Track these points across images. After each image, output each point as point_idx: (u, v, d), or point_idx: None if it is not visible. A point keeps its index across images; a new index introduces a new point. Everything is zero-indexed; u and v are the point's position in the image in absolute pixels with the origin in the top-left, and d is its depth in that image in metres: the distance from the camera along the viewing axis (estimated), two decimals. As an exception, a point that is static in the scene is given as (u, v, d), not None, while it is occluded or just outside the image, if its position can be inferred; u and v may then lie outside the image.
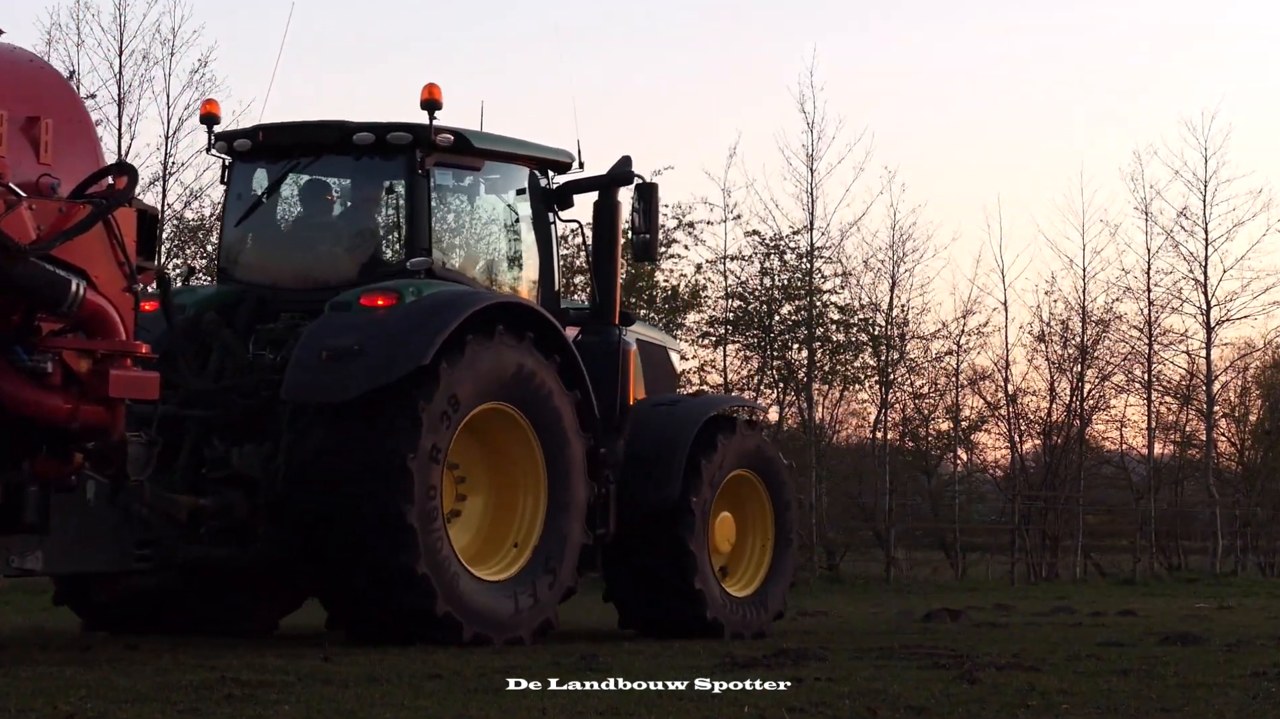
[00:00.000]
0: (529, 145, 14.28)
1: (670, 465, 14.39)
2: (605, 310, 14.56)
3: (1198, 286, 36.29)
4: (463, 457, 12.99)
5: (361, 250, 13.68)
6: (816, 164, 32.42)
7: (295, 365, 12.42)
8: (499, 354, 12.85)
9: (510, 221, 14.30)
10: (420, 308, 12.60)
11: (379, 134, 13.46)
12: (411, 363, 12.26)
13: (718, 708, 8.47)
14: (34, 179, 10.67)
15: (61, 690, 8.76)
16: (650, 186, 14.56)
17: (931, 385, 36.21)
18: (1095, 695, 9.29)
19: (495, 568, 13.04)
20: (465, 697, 8.88)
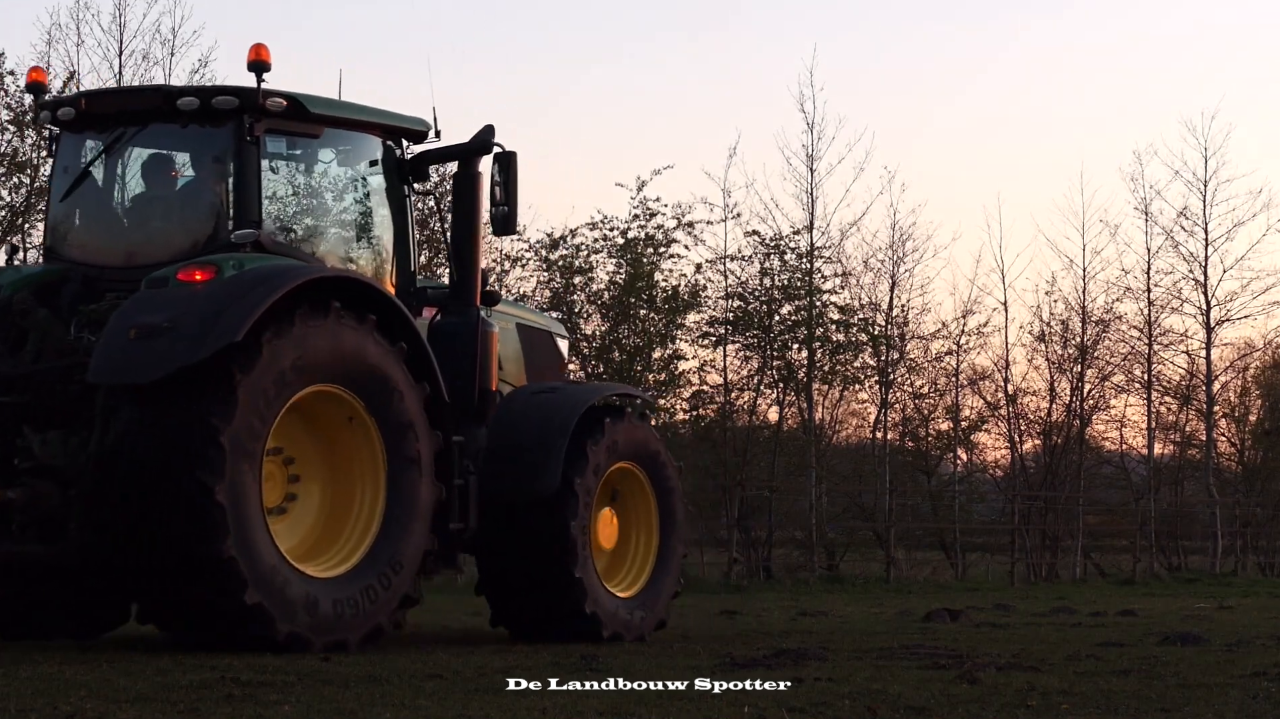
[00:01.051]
0: (377, 112, 13.41)
1: (549, 453, 13.51)
2: (465, 289, 13.57)
3: (1198, 287, 36.31)
4: (295, 446, 12.13)
5: (190, 224, 12.74)
6: (816, 164, 32.44)
7: (103, 345, 11.53)
8: (333, 333, 11.94)
9: (357, 193, 13.49)
10: (238, 282, 11.64)
11: (204, 99, 12.57)
12: (223, 339, 11.29)
13: (718, 708, 8.47)
14: None
15: (61, 690, 8.76)
16: (509, 155, 13.55)
17: (931, 385, 36.23)
18: (1095, 695, 9.29)
19: (325, 565, 12.08)
20: (465, 697, 8.88)
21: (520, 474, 13.49)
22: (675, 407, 31.89)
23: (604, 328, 30.63)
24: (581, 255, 30.63)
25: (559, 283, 30.64)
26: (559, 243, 30.55)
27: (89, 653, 11.60)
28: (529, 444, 13.56)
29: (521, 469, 13.50)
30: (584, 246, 30.62)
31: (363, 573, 12.14)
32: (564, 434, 13.60)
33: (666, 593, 14.61)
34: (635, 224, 30.58)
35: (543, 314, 16.63)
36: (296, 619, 11.57)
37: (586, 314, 30.74)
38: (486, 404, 13.51)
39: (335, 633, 11.79)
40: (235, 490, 11.33)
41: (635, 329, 30.54)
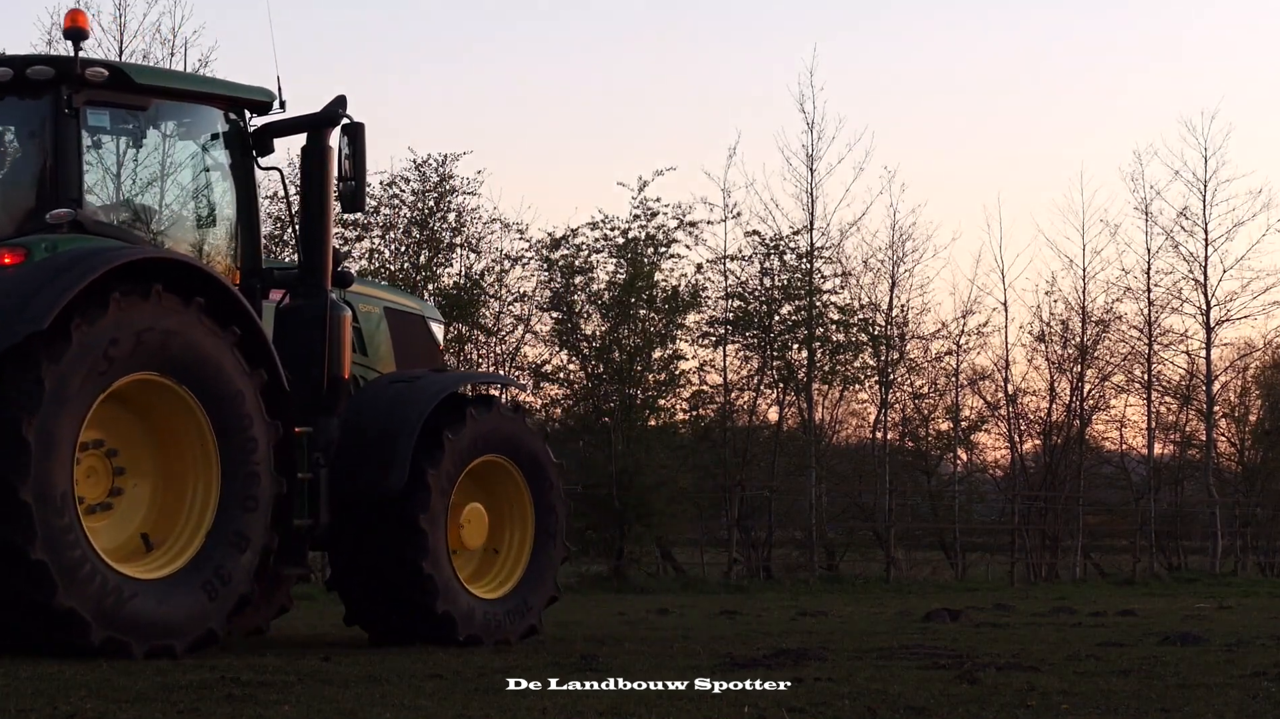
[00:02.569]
0: (214, 83, 12.77)
1: (397, 444, 12.71)
2: (314, 270, 12.77)
3: (1198, 287, 36.31)
4: (118, 438, 11.41)
5: (7, 203, 11.92)
6: (816, 164, 32.46)
7: None
8: (155, 318, 11.19)
9: (194, 169, 12.65)
10: (48, 265, 10.90)
11: (18, 69, 11.73)
12: (25, 329, 10.60)
13: (718, 708, 8.47)
14: None
15: (61, 690, 8.76)
16: (357, 126, 12.76)
17: (931, 385, 36.23)
18: (1095, 695, 9.29)
19: (153, 566, 11.36)
20: (465, 697, 8.88)
21: (369, 467, 12.77)
22: (675, 407, 31.91)
23: (604, 328, 30.64)
24: (582, 255, 30.64)
25: (559, 283, 30.64)
26: (560, 242, 30.56)
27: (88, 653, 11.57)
28: (379, 436, 12.80)
29: (372, 462, 12.77)
30: (584, 246, 30.64)
31: (194, 574, 11.43)
32: (416, 423, 12.79)
33: (541, 596, 13.75)
34: (636, 224, 30.61)
35: (414, 297, 15.88)
36: (115, 623, 10.90)
37: (587, 314, 30.75)
38: (337, 393, 12.81)
39: (161, 638, 11.13)
40: (42, 488, 10.62)
41: (635, 329, 30.55)
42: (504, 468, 13.52)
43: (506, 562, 13.70)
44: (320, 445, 12.52)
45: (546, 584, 13.79)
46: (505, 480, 13.58)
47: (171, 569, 11.37)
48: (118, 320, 10.99)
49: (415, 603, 12.84)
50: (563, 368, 30.75)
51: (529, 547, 13.72)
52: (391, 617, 13.02)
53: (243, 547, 11.63)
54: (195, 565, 11.45)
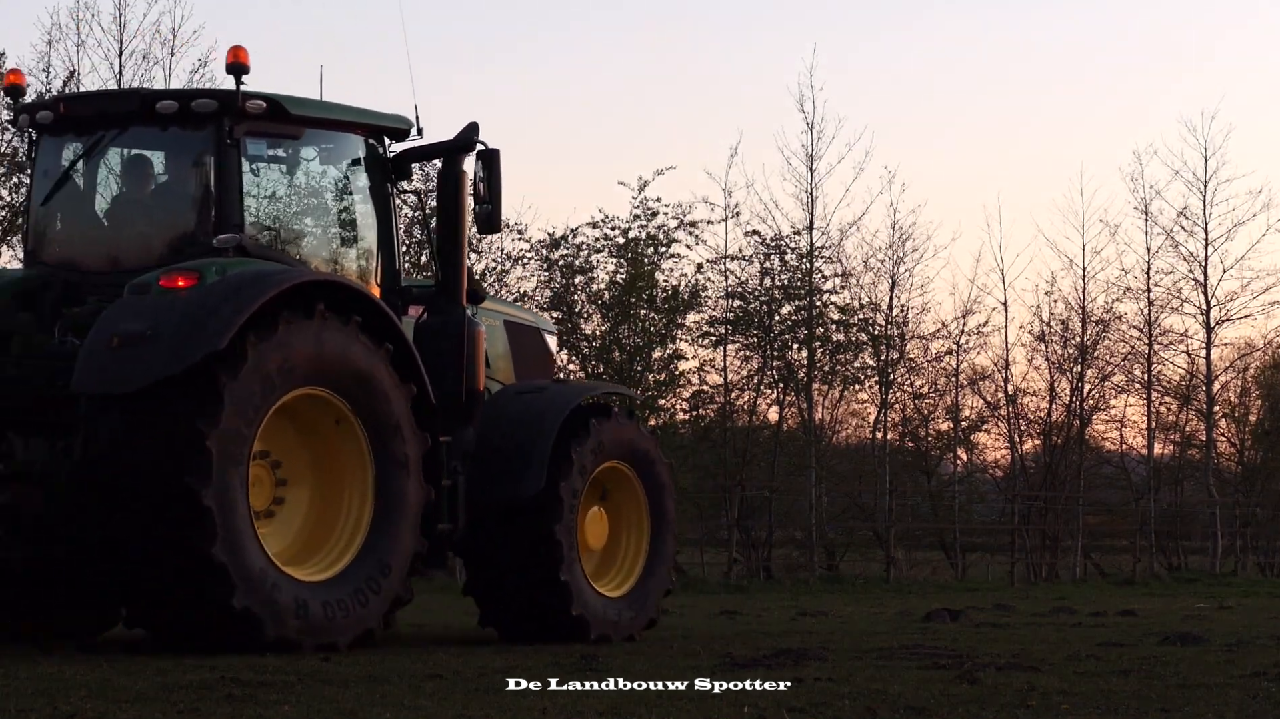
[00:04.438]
0: (358, 112, 13.35)
1: (532, 454, 13.39)
2: (450, 288, 13.46)
3: (1198, 287, 36.31)
4: (282, 449, 12.12)
5: (171, 228, 12.70)
6: (816, 164, 32.44)
7: (85, 353, 11.53)
8: (317, 337, 11.91)
9: (340, 193, 13.44)
10: (221, 288, 11.61)
11: (183, 102, 12.53)
12: (205, 348, 11.29)
13: (718, 708, 8.47)
14: None
15: (61, 690, 8.76)
16: (492, 153, 13.46)
17: (931, 385, 36.23)
18: (1095, 695, 9.29)
19: (315, 568, 12.08)
20: (465, 697, 8.88)
21: (505, 476, 13.40)
22: (675, 406, 31.92)
23: (604, 328, 30.64)
24: (582, 255, 30.64)
25: (559, 283, 30.64)
26: (560, 242, 30.56)
27: (89, 653, 11.61)
28: (513, 446, 13.46)
29: (506, 471, 13.40)
30: (585, 246, 30.64)
31: (352, 575, 12.12)
32: (548, 436, 13.47)
33: (656, 592, 14.47)
34: (636, 224, 30.60)
35: (530, 311, 16.49)
36: (285, 623, 11.56)
37: (587, 314, 30.75)
38: (474, 404, 13.37)
39: (325, 635, 11.77)
40: (222, 494, 11.28)
41: (635, 329, 30.54)
42: (621, 472, 14.29)
43: (625, 560, 14.43)
44: (458, 454, 13.16)
45: (661, 579, 14.53)
46: (622, 483, 14.34)
47: (332, 573, 12.08)
48: (286, 339, 11.70)
49: (551, 608, 13.53)
50: (563, 368, 30.76)
51: (645, 545, 14.48)
52: (526, 620, 13.64)
53: (396, 551, 12.32)
54: (353, 569, 12.15)
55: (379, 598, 12.20)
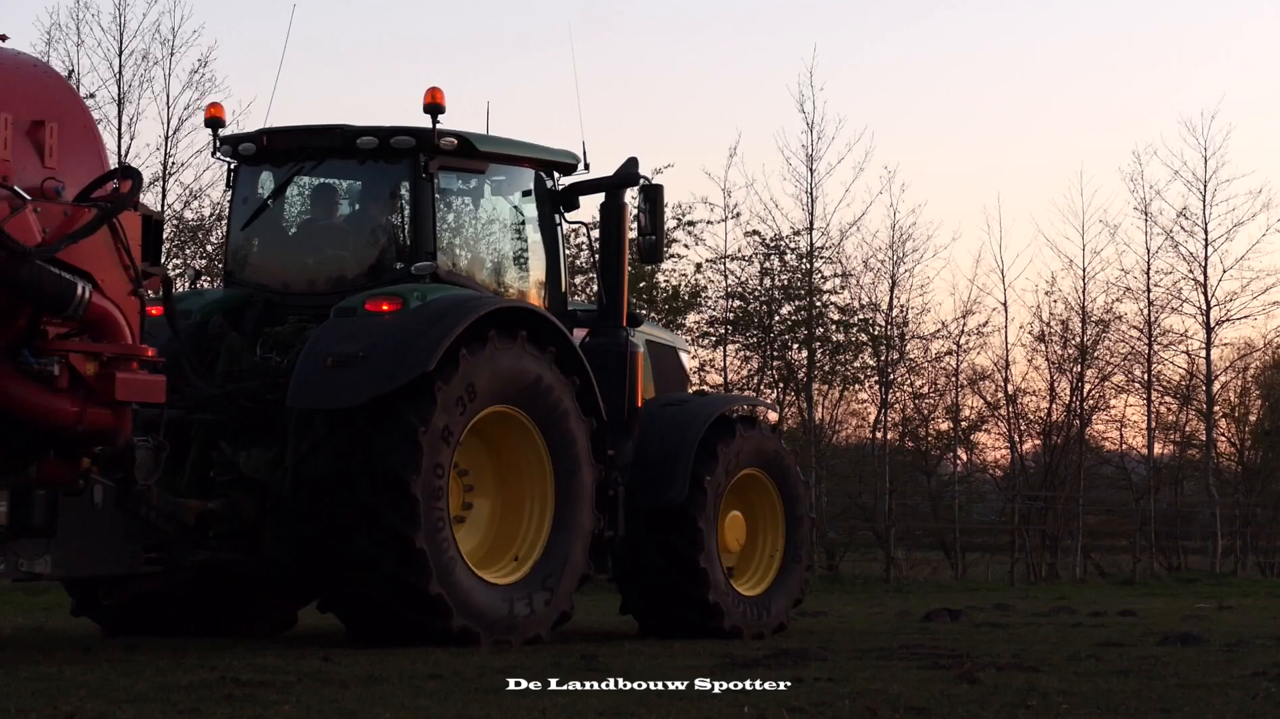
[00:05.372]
0: (534, 147, 14.33)
1: (677, 463, 14.44)
2: (613, 312, 14.64)
3: (1197, 287, 36.30)
4: (470, 461, 13.09)
5: (367, 254, 13.75)
6: (816, 164, 32.42)
7: (300, 371, 12.51)
8: (512, 359, 12.99)
9: (516, 224, 14.40)
10: (424, 313, 12.68)
11: (383, 138, 13.52)
12: (415, 369, 12.36)
13: (718, 708, 8.47)
14: (38, 182, 10.81)
15: (61, 690, 8.76)
16: (655, 188, 14.66)
17: (931, 385, 36.21)
18: (1095, 695, 9.30)
19: (497, 573, 13.10)
20: (465, 697, 8.89)
21: (653, 484, 14.41)
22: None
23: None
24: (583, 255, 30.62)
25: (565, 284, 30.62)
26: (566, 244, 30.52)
27: (89, 653, 11.66)
28: (660, 456, 14.50)
29: (654, 479, 14.42)
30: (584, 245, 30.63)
31: (529, 585, 13.15)
32: (691, 447, 14.50)
33: (789, 595, 15.48)
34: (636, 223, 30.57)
35: (668, 331, 17.79)
36: (470, 614, 12.58)
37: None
38: (634, 419, 14.51)
39: (504, 632, 12.79)
40: (428, 501, 12.38)
41: (635, 329, 30.52)
42: (760, 480, 15.28)
43: (760, 563, 15.42)
44: (620, 466, 14.16)
45: (794, 586, 15.54)
46: (760, 491, 15.32)
47: (516, 577, 13.13)
48: (483, 360, 12.78)
49: (689, 593, 14.47)
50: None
51: (780, 551, 15.47)
52: (666, 606, 14.61)
53: (570, 558, 13.39)
54: (533, 574, 13.20)
55: (549, 608, 13.24)
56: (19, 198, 10.57)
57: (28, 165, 10.87)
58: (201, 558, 12.47)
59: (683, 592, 14.49)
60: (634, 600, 14.94)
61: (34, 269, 10.52)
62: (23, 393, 10.70)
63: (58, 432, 10.90)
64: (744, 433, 15.02)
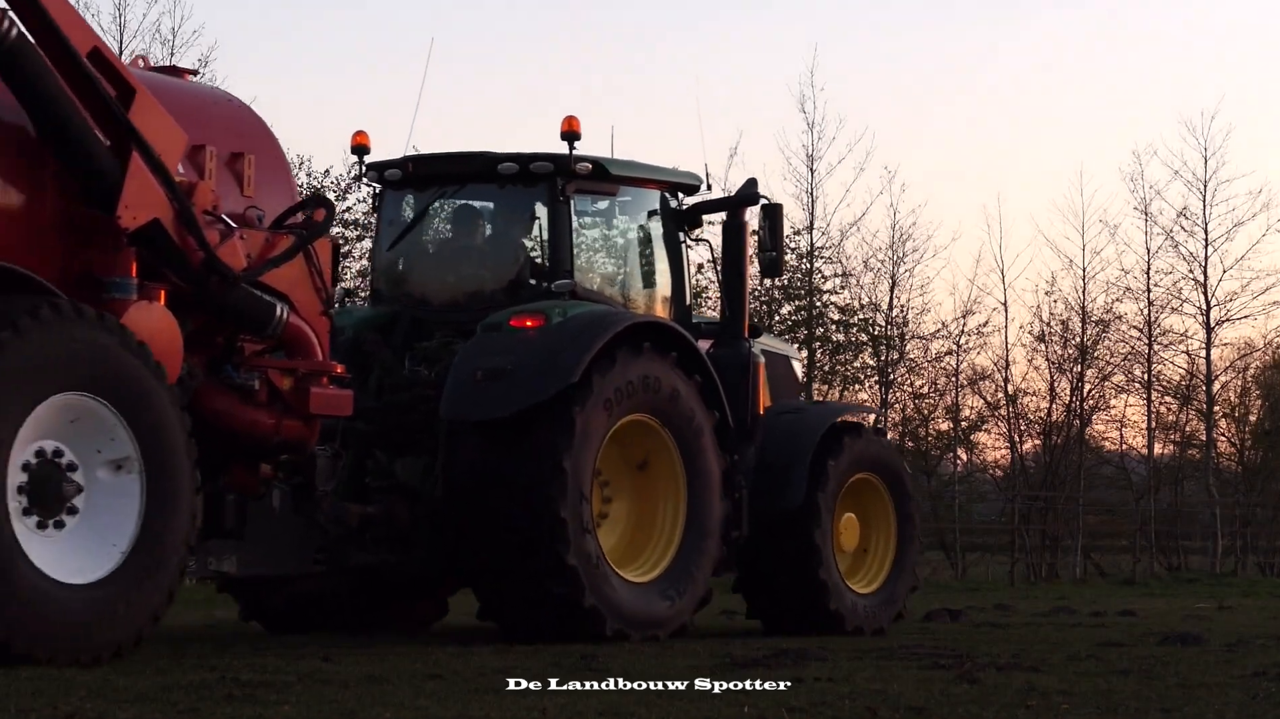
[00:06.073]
0: (660, 170, 15.24)
1: (794, 469, 15.14)
2: (735, 324, 15.33)
3: (1197, 286, 36.35)
4: (607, 466, 13.82)
5: (506, 272, 14.60)
6: (816, 164, 32.49)
7: (452, 385, 13.29)
8: (645, 370, 13.72)
9: (644, 242, 15.22)
10: (567, 328, 13.48)
11: (522, 164, 14.39)
12: (561, 382, 13.09)
13: (718, 708, 8.47)
14: (241, 211, 11.77)
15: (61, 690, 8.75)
16: (775, 207, 15.42)
17: (931, 385, 36.26)
18: (1095, 695, 9.29)
19: (638, 571, 13.86)
20: (465, 697, 8.88)
21: (772, 488, 15.10)
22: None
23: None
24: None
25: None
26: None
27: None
28: (779, 462, 15.19)
29: (773, 484, 15.11)
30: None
31: (670, 579, 13.92)
32: (807, 453, 15.17)
33: (903, 589, 16.11)
34: (635, 224, 30.60)
35: (782, 340, 18.80)
36: (621, 616, 13.38)
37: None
38: (756, 426, 15.17)
39: (650, 629, 13.58)
40: (574, 505, 13.10)
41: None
42: (871, 483, 15.92)
43: (874, 561, 16.06)
44: (743, 470, 14.77)
45: (907, 578, 16.19)
46: (872, 493, 15.97)
47: (653, 575, 13.90)
48: (622, 372, 13.53)
49: (811, 603, 15.21)
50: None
51: (893, 547, 16.12)
52: (789, 614, 15.30)
53: (702, 557, 14.11)
54: (670, 572, 13.96)
55: (690, 596, 14.00)
56: (227, 226, 11.41)
57: (229, 195, 11.75)
58: (361, 560, 13.28)
59: (806, 602, 15.21)
60: (756, 599, 15.68)
61: (240, 292, 11.41)
62: (224, 406, 11.61)
63: (255, 442, 11.81)
64: (856, 439, 15.70)
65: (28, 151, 10.80)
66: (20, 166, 10.79)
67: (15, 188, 10.75)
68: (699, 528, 14.08)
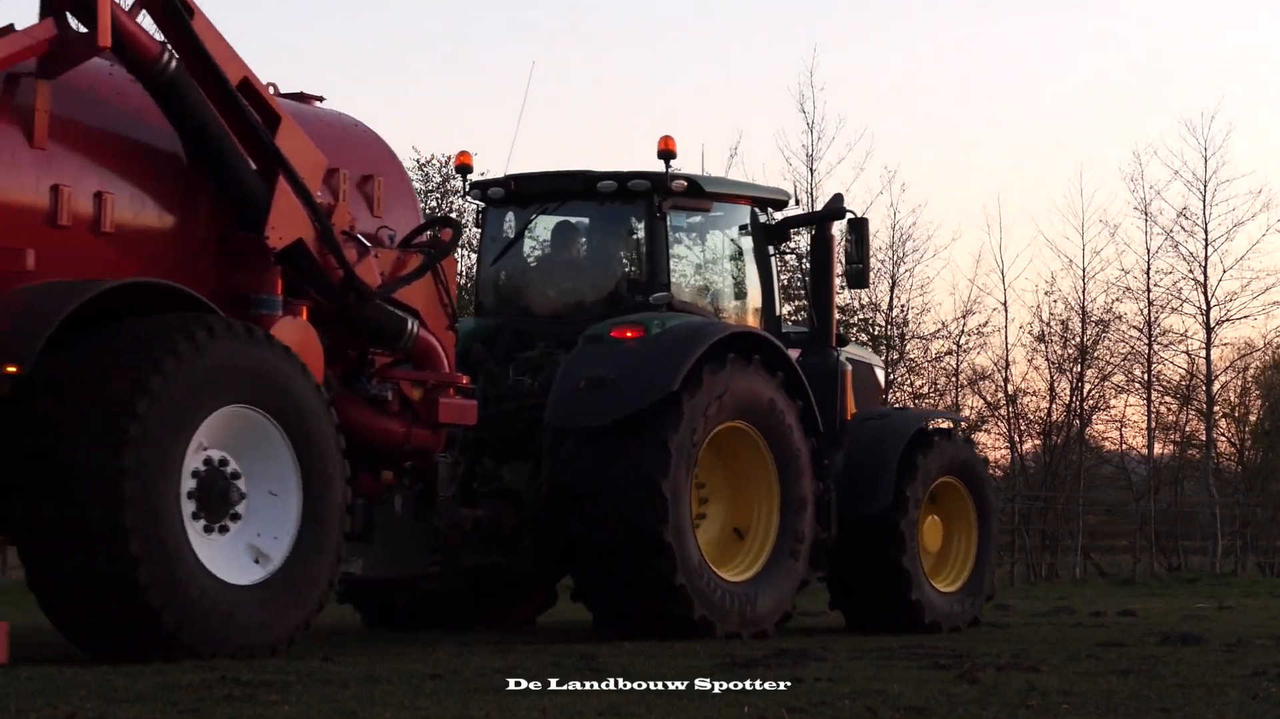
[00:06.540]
0: (750, 186, 16.25)
1: (881, 473, 15.72)
2: (823, 334, 16.01)
3: (1197, 286, 36.35)
4: (704, 470, 14.37)
5: (606, 285, 15.28)
6: (816, 164, 32.49)
7: (556, 393, 13.95)
8: (743, 378, 14.27)
9: (735, 256, 15.86)
10: (665, 339, 14.10)
11: (621, 182, 15.03)
12: (661, 391, 13.71)
13: (718, 708, 8.47)
14: (373, 231, 12.51)
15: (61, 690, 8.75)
16: (862, 221, 16.12)
17: (931, 385, 36.23)
18: (1095, 695, 9.30)
19: (737, 569, 14.43)
20: (465, 697, 8.89)
21: (860, 491, 15.71)
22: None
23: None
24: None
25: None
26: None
27: None
28: (866, 466, 15.81)
29: (861, 487, 15.71)
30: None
31: (770, 570, 14.52)
32: (894, 457, 15.79)
33: (982, 592, 16.76)
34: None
35: (866, 349, 19.58)
36: (728, 621, 14.00)
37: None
38: (843, 432, 15.84)
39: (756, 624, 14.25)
40: (676, 525, 13.70)
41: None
42: (955, 487, 16.58)
43: (955, 562, 16.71)
44: (832, 475, 15.37)
45: (986, 582, 16.84)
46: (955, 496, 16.63)
47: (746, 576, 14.47)
48: (719, 381, 14.10)
49: (893, 592, 15.83)
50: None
51: (973, 551, 16.77)
52: (872, 603, 15.97)
53: (795, 555, 14.71)
54: (761, 574, 14.54)
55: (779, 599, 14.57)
56: (363, 245, 12.13)
57: (361, 215, 12.48)
58: (474, 561, 14.00)
59: (888, 590, 15.78)
60: (842, 598, 16.29)
61: (375, 308, 12.15)
62: (359, 415, 12.24)
63: (387, 450, 12.55)
64: (941, 444, 16.29)
65: (183, 177, 11.56)
66: (176, 192, 11.54)
67: (171, 212, 11.50)
68: (792, 531, 14.62)
